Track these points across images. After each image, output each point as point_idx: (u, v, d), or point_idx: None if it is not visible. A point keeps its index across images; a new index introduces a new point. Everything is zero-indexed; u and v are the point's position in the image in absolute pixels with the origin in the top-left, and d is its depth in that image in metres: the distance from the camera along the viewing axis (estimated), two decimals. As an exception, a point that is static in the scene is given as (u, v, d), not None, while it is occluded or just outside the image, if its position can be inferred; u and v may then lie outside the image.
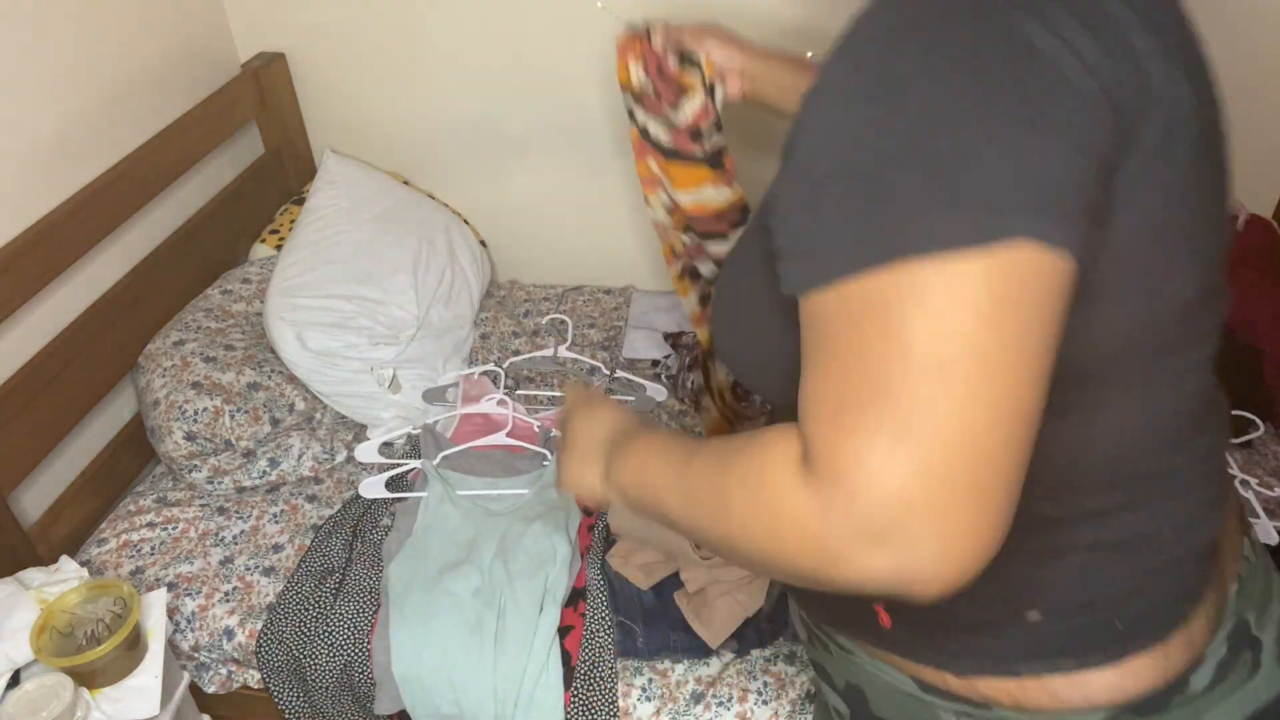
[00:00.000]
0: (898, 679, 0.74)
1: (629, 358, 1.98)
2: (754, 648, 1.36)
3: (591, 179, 2.11)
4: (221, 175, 2.00)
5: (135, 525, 1.56)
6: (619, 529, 1.47)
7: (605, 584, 1.42)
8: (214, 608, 1.44)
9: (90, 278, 1.63)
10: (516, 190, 2.15)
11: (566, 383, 1.21)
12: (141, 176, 1.67)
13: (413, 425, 1.72)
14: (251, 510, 1.61)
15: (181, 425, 1.55)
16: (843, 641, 0.79)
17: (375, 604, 1.41)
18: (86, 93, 1.60)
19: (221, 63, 1.98)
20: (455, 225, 2.08)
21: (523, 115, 2.03)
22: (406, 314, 1.83)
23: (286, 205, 2.08)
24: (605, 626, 1.37)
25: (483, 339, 2.02)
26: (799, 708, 1.30)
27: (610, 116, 2.01)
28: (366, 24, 1.95)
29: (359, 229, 1.90)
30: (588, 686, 1.32)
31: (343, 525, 1.55)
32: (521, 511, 1.51)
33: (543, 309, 2.11)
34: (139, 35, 1.72)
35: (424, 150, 2.12)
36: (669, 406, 1.85)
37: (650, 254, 2.21)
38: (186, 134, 1.79)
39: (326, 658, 1.37)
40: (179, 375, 1.60)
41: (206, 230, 1.88)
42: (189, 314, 1.76)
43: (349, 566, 1.48)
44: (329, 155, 2.04)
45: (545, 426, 1.64)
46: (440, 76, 2.00)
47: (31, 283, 1.44)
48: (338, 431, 1.75)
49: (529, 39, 1.92)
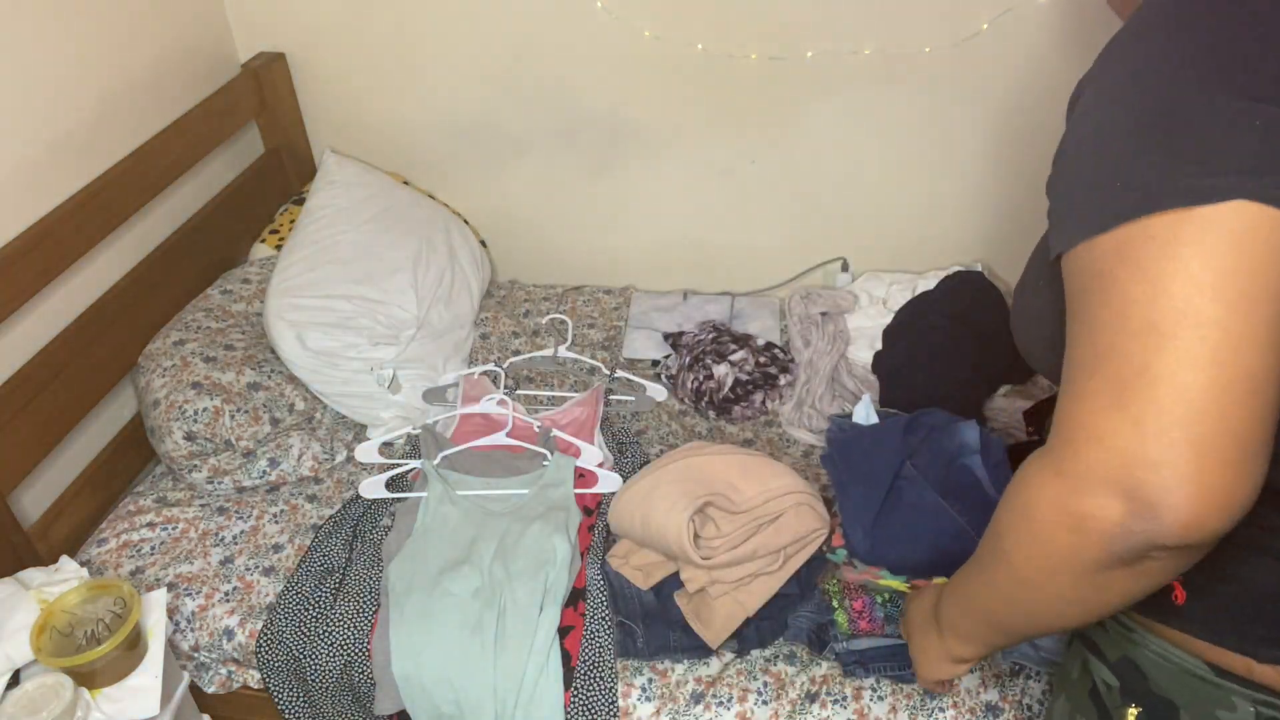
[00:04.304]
0: (1187, 661, 0.72)
1: (629, 358, 1.98)
2: (754, 648, 1.36)
3: (591, 179, 2.11)
4: (221, 175, 2.00)
5: (135, 525, 1.56)
6: (619, 529, 1.47)
7: (605, 584, 1.42)
8: (214, 608, 1.44)
9: (90, 278, 1.63)
10: (516, 190, 2.15)
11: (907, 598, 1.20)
12: (141, 176, 1.67)
13: (413, 425, 1.72)
14: (251, 510, 1.61)
15: (181, 425, 1.55)
16: (1123, 619, 0.77)
17: (375, 604, 1.41)
18: (86, 93, 1.60)
19: (221, 63, 1.98)
20: (455, 225, 2.08)
21: (523, 115, 2.03)
22: (406, 314, 1.83)
23: (286, 205, 2.08)
24: (605, 626, 1.37)
25: (483, 339, 2.02)
26: (799, 708, 1.30)
27: (610, 116, 2.01)
28: (366, 24, 1.95)
29: (359, 229, 1.90)
30: (588, 686, 1.32)
31: (343, 525, 1.55)
32: (521, 511, 1.51)
33: (543, 309, 2.11)
34: (139, 35, 1.72)
35: (424, 150, 2.12)
36: (669, 406, 1.85)
37: (650, 254, 2.21)
38: (186, 134, 1.79)
39: (326, 658, 1.37)
40: (179, 375, 1.60)
41: (206, 230, 1.88)
42: (189, 314, 1.76)
43: (349, 566, 1.48)
44: (329, 155, 2.04)
45: (545, 426, 1.64)
46: (440, 76, 2.00)
47: (31, 283, 1.44)
48: (338, 431, 1.75)
49: (529, 39, 1.92)
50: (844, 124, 1.93)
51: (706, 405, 1.82)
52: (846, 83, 1.88)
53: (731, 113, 1.96)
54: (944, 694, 1.27)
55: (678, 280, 2.21)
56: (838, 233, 2.11)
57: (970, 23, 1.77)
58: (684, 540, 1.32)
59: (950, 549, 1.34)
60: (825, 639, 1.34)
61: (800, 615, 1.37)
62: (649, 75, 1.93)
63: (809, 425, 1.77)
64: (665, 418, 1.83)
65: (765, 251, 2.15)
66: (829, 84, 1.88)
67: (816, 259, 2.16)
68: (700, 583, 1.36)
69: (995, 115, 1.89)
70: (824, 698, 1.31)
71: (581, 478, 1.57)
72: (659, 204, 2.13)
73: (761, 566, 1.35)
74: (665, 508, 1.36)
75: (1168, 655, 0.73)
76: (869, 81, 1.86)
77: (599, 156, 2.07)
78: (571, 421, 1.72)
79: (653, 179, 2.09)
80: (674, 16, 1.85)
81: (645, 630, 1.36)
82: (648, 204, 2.13)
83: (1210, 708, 0.71)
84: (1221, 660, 0.70)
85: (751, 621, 1.36)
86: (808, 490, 1.40)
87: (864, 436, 1.56)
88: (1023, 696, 1.29)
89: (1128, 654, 0.78)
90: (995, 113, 1.88)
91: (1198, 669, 0.71)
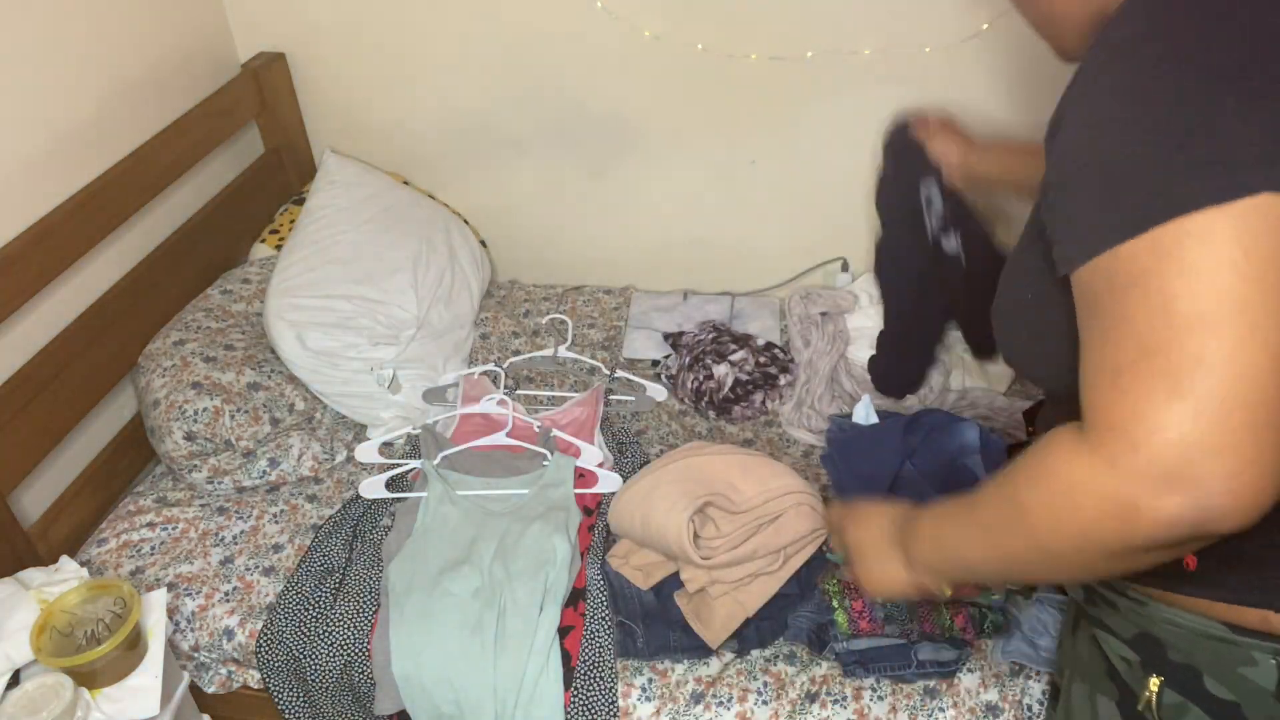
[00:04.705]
0: (1204, 624, 0.73)
1: (629, 358, 1.98)
2: (754, 648, 1.36)
3: (591, 179, 2.11)
4: (221, 175, 2.00)
5: (135, 525, 1.56)
6: (619, 529, 1.46)
7: (605, 584, 1.42)
8: (214, 608, 1.44)
9: (90, 278, 1.63)
10: (516, 190, 2.15)
11: (827, 508, 1.27)
12: (141, 176, 1.67)
13: (413, 425, 1.72)
14: (251, 510, 1.61)
15: (181, 425, 1.55)
16: (1134, 594, 0.78)
17: (375, 604, 1.41)
18: (86, 93, 1.60)
19: (221, 63, 1.98)
20: (455, 225, 2.08)
21: (523, 115, 2.03)
22: (406, 314, 1.83)
23: (286, 205, 2.08)
24: (605, 626, 1.37)
25: (483, 339, 2.02)
26: (799, 708, 1.30)
27: (610, 116, 2.01)
28: (366, 24, 1.95)
29: (359, 229, 1.90)
30: (588, 686, 1.32)
31: (343, 525, 1.55)
32: (521, 511, 1.51)
33: (543, 309, 2.11)
34: (139, 35, 1.72)
35: (424, 150, 2.12)
36: (669, 406, 1.85)
37: (650, 254, 2.21)
38: (186, 134, 1.79)
39: (326, 658, 1.37)
40: (179, 375, 1.60)
41: (206, 230, 1.88)
42: (189, 314, 1.76)
43: (349, 566, 1.48)
44: (329, 155, 2.04)
45: (545, 426, 1.64)
46: (440, 76, 2.00)
47: (31, 283, 1.44)
48: (338, 431, 1.75)
49: (529, 39, 1.92)
50: (844, 124, 1.93)
51: (706, 405, 1.82)
52: (846, 83, 1.87)
53: (731, 113, 1.96)
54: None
55: (678, 280, 2.21)
56: (838, 233, 2.10)
57: (970, 23, 1.77)
58: (684, 540, 1.32)
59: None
60: (825, 639, 1.34)
61: (800, 615, 1.37)
62: (649, 75, 1.93)
63: (809, 425, 1.77)
64: (665, 418, 1.83)
65: (765, 251, 2.15)
66: (829, 84, 1.88)
67: (816, 259, 2.16)
68: (700, 583, 1.36)
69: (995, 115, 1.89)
70: (824, 698, 1.31)
71: (581, 478, 1.57)
72: (659, 204, 2.13)
73: (761, 566, 1.35)
74: (665, 508, 1.36)
75: (1182, 622, 0.74)
76: (869, 81, 1.86)
77: (599, 156, 2.07)
78: (571, 421, 1.72)
79: (653, 179, 2.08)
80: (674, 16, 1.85)
81: (645, 630, 1.36)
82: (648, 204, 2.13)
83: (1232, 666, 0.72)
84: (1238, 618, 0.71)
85: (751, 621, 1.36)
86: (808, 490, 1.40)
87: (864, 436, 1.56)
88: (1023, 696, 1.29)
89: (1142, 628, 0.78)
90: (995, 113, 1.88)
91: (1214, 630, 0.72)
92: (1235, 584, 0.71)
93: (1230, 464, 0.54)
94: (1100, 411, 0.59)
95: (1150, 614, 0.77)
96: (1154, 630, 0.77)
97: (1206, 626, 0.73)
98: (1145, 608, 0.78)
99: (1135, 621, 0.79)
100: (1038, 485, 0.65)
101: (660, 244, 2.19)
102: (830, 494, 1.51)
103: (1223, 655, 0.72)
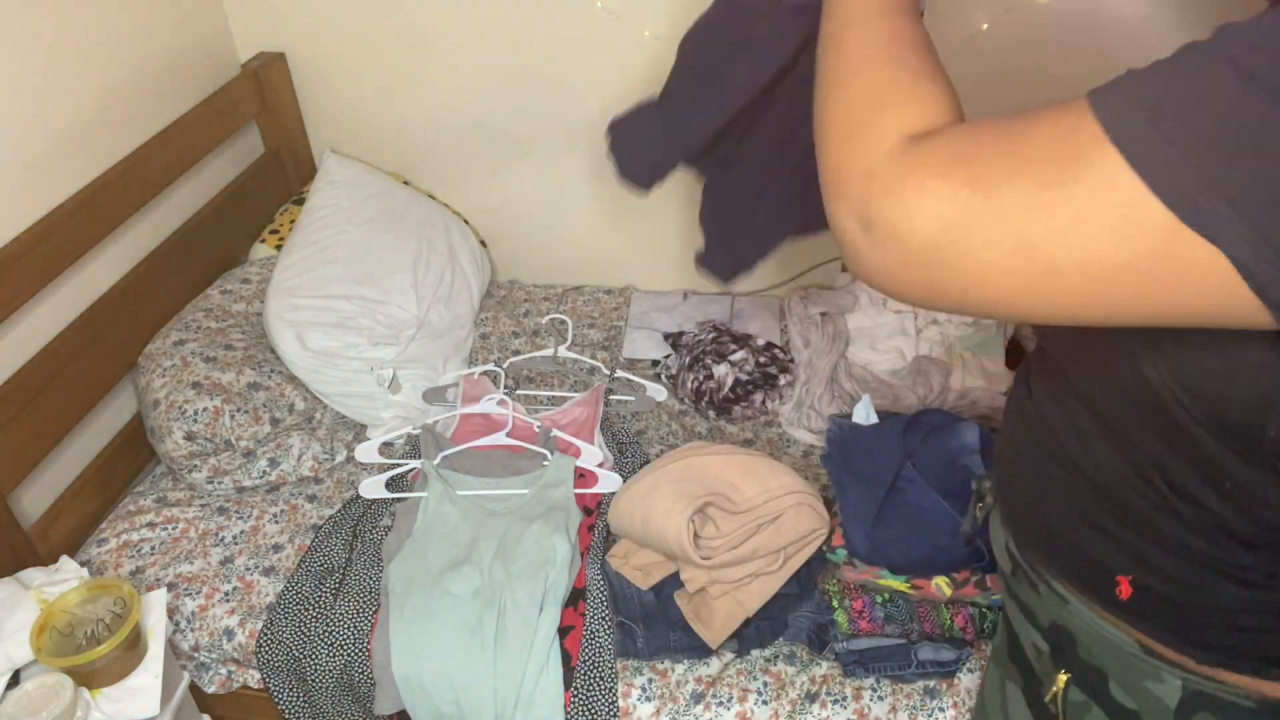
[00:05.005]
0: (1120, 639, 0.72)
1: (629, 358, 1.98)
2: (754, 648, 1.36)
3: (591, 179, 2.11)
4: (221, 175, 2.00)
5: (135, 525, 1.56)
6: (619, 529, 1.47)
7: (605, 584, 1.42)
8: (214, 608, 1.44)
9: (90, 278, 1.63)
10: (516, 190, 2.15)
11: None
12: (141, 176, 1.67)
13: (413, 425, 1.72)
14: (251, 510, 1.61)
15: (181, 425, 1.55)
16: (1059, 589, 0.77)
17: (375, 604, 1.41)
18: (86, 93, 1.60)
19: (221, 63, 1.98)
20: (455, 225, 2.08)
21: (523, 115, 2.03)
22: (406, 314, 1.83)
23: (286, 205, 2.08)
24: (605, 626, 1.37)
25: (483, 339, 2.02)
26: (799, 708, 1.30)
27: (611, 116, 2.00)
28: (366, 24, 1.95)
29: (359, 229, 1.90)
30: (588, 686, 1.32)
31: (343, 525, 1.55)
32: (521, 511, 1.51)
33: (543, 309, 2.11)
34: (139, 35, 1.72)
35: (424, 150, 2.12)
36: (669, 406, 1.85)
37: (650, 254, 2.21)
38: (186, 134, 1.79)
39: (326, 658, 1.37)
40: (179, 375, 1.60)
41: (206, 230, 1.88)
42: (189, 314, 1.76)
43: (349, 566, 1.48)
44: (329, 155, 2.04)
45: (545, 426, 1.64)
46: (440, 76, 2.00)
47: (31, 283, 1.44)
48: (338, 431, 1.75)
49: (529, 40, 1.92)
50: (844, 124, 1.93)
51: (706, 405, 1.82)
52: (846, 83, 1.87)
53: (731, 113, 1.96)
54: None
55: (678, 280, 2.21)
56: (838, 233, 2.11)
57: (970, 23, 1.77)
58: (684, 540, 1.32)
59: (950, 549, 1.34)
60: (825, 639, 1.34)
61: (800, 615, 1.37)
62: (649, 75, 1.93)
63: (809, 425, 1.77)
64: (665, 418, 1.83)
65: (765, 251, 2.15)
66: (829, 84, 1.88)
67: (816, 259, 2.16)
68: (700, 583, 1.36)
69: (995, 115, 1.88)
70: (824, 698, 1.31)
71: (581, 478, 1.57)
72: (659, 204, 2.13)
73: (761, 566, 1.35)
74: (665, 508, 1.36)
75: (1099, 631, 0.73)
76: (869, 81, 1.86)
77: (599, 157, 2.07)
78: (571, 421, 1.72)
79: (653, 179, 2.08)
80: (674, 16, 1.85)
81: (645, 630, 1.36)
82: (647, 204, 2.13)
83: (1139, 678, 0.71)
84: (1154, 647, 0.70)
85: (751, 621, 1.36)
86: (808, 490, 1.40)
87: (864, 437, 1.56)
88: (1023, 696, 1.29)
89: (1059, 622, 0.77)
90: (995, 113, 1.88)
91: (1129, 646, 0.71)
92: (1162, 624, 0.70)
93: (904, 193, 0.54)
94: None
95: (1072, 612, 0.76)
96: (1070, 625, 0.76)
97: (1121, 642, 0.72)
98: (1068, 605, 0.76)
99: (1052, 612, 0.78)
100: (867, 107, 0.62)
101: (660, 244, 2.19)
102: (830, 494, 1.51)
103: (1132, 667, 0.72)
